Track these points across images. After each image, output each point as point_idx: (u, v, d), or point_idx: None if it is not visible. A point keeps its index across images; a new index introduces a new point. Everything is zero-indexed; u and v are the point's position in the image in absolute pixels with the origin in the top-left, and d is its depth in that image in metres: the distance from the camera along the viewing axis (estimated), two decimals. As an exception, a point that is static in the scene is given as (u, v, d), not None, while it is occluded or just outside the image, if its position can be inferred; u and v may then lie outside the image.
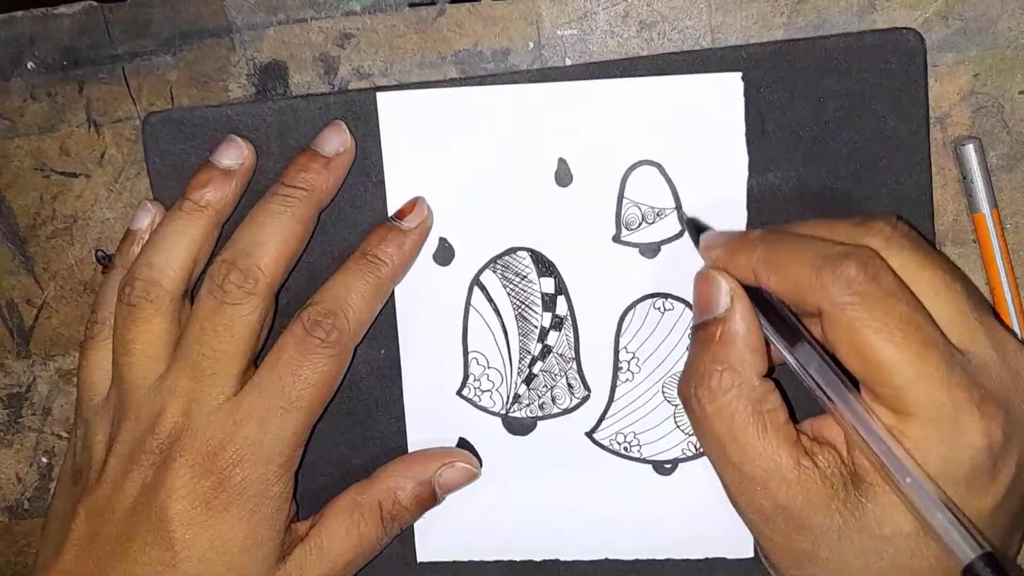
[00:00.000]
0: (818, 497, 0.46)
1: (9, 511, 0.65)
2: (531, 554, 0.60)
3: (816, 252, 0.46)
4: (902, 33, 0.54)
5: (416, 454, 0.58)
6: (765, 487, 0.47)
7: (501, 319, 0.58)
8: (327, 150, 0.56)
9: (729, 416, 0.48)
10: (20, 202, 0.61)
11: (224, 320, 0.53)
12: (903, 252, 0.47)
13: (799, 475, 0.47)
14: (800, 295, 0.47)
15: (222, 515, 0.52)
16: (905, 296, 0.45)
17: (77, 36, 0.59)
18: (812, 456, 0.47)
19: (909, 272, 0.46)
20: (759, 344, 0.49)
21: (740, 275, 0.49)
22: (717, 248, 0.51)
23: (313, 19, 0.58)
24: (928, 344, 0.44)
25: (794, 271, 0.47)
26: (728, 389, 0.48)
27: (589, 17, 0.57)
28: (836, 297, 0.45)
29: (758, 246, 0.49)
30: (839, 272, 0.45)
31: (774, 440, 0.47)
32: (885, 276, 0.45)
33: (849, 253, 0.46)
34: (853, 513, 0.46)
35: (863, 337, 0.44)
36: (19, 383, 0.63)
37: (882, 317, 0.44)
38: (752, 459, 0.47)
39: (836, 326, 0.45)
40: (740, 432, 0.47)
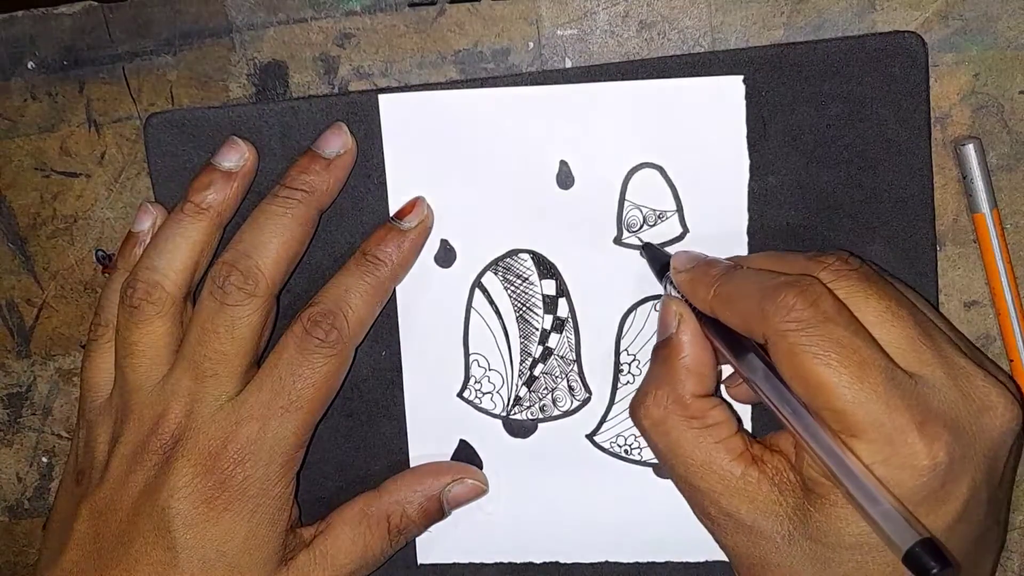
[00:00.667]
0: (765, 503, 0.48)
1: (9, 511, 0.65)
2: (531, 556, 0.60)
3: (761, 283, 0.48)
4: (904, 36, 0.54)
5: (426, 467, 0.59)
6: (709, 495, 0.49)
7: (502, 321, 0.58)
8: (328, 152, 0.56)
9: (665, 431, 0.50)
10: (20, 202, 0.61)
11: (225, 321, 0.53)
12: (850, 283, 0.48)
13: (743, 483, 0.48)
14: (748, 326, 0.48)
15: (223, 515, 0.52)
16: (844, 320, 0.45)
17: (77, 36, 0.59)
18: (760, 464, 0.48)
19: (856, 302, 0.47)
20: (701, 364, 0.51)
21: (698, 305, 0.51)
22: (681, 274, 0.53)
23: (313, 19, 0.58)
24: (866, 366, 0.44)
25: (741, 303, 0.48)
26: (662, 405, 0.50)
27: (589, 17, 0.57)
28: (777, 324, 0.46)
29: (714, 282, 0.50)
30: (779, 300, 0.46)
31: (714, 452, 0.49)
32: (824, 302, 0.46)
33: (790, 282, 0.47)
34: (802, 520, 0.47)
35: (802, 361, 0.45)
36: (19, 383, 0.63)
37: (820, 341, 0.45)
38: (693, 470, 0.49)
39: (778, 352, 0.46)
40: (677, 445, 0.50)
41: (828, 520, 0.46)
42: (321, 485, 0.60)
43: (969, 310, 0.58)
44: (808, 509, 0.46)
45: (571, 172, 0.56)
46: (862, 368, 0.44)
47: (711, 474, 0.49)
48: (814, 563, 0.47)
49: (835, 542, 0.46)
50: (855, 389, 0.44)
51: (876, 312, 0.47)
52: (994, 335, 0.57)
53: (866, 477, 0.43)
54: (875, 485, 0.43)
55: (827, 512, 0.46)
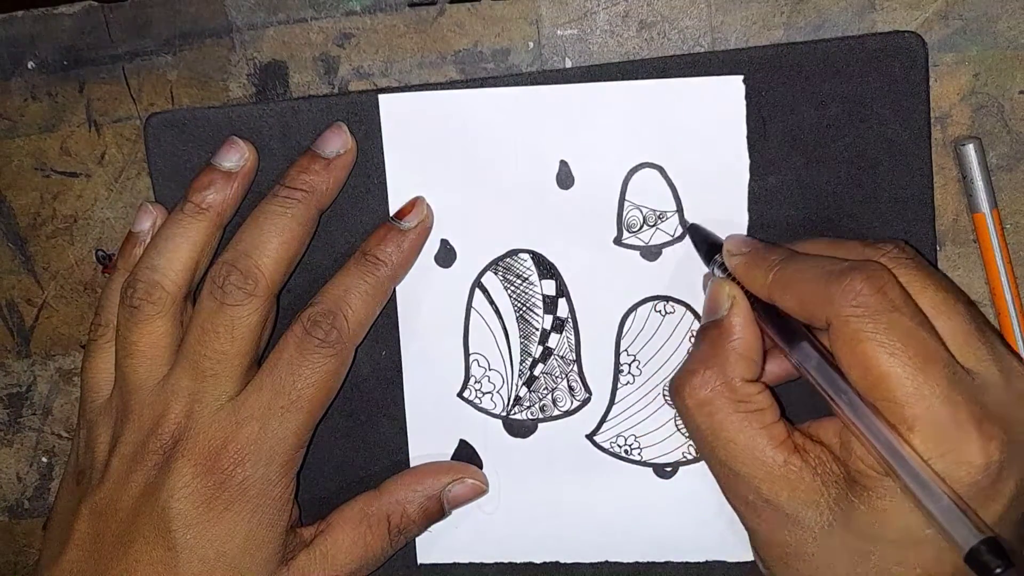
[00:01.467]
0: (806, 492, 0.47)
1: (9, 511, 0.65)
2: (531, 556, 0.60)
3: (824, 267, 0.47)
4: (904, 36, 0.54)
5: (426, 467, 0.59)
6: (749, 482, 0.48)
7: (502, 321, 0.58)
8: (328, 151, 0.56)
9: (709, 412, 0.49)
10: (20, 202, 0.61)
11: (225, 321, 0.53)
12: (908, 271, 0.47)
13: (785, 471, 0.47)
14: (809, 310, 0.47)
15: (223, 515, 0.52)
16: (910, 311, 0.45)
17: (77, 36, 0.59)
18: (802, 453, 0.48)
19: (914, 291, 0.47)
20: (751, 349, 0.50)
21: (755, 291, 0.50)
22: (737, 257, 0.52)
23: (313, 19, 0.58)
24: (930, 359, 0.44)
25: (803, 287, 0.47)
26: (711, 386, 0.49)
27: (589, 17, 0.57)
28: (841, 308, 0.45)
29: (772, 266, 0.49)
30: (846, 284, 0.45)
31: (758, 437, 0.48)
32: (891, 290, 0.45)
33: (856, 267, 0.46)
34: (844, 511, 0.46)
35: (866, 349, 0.44)
36: (19, 383, 0.63)
37: (886, 330, 0.44)
38: (735, 455, 0.49)
39: (840, 337, 0.45)
40: (721, 428, 0.49)
41: (873, 513, 0.45)
42: (321, 485, 0.60)
43: (969, 310, 0.58)
44: (852, 501, 0.46)
45: (571, 172, 0.56)
46: (926, 361, 0.44)
47: (753, 459, 0.48)
48: (851, 555, 0.46)
49: (878, 535, 0.45)
50: (918, 381, 0.44)
51: (934, 303, 0.47)
52: (994, 335, 0.58)
53: (926, 471, 0.43)
54: (935, 480, 0.42)
55: (872, 505, 0.45)
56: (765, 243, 0.52)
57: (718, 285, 0.52)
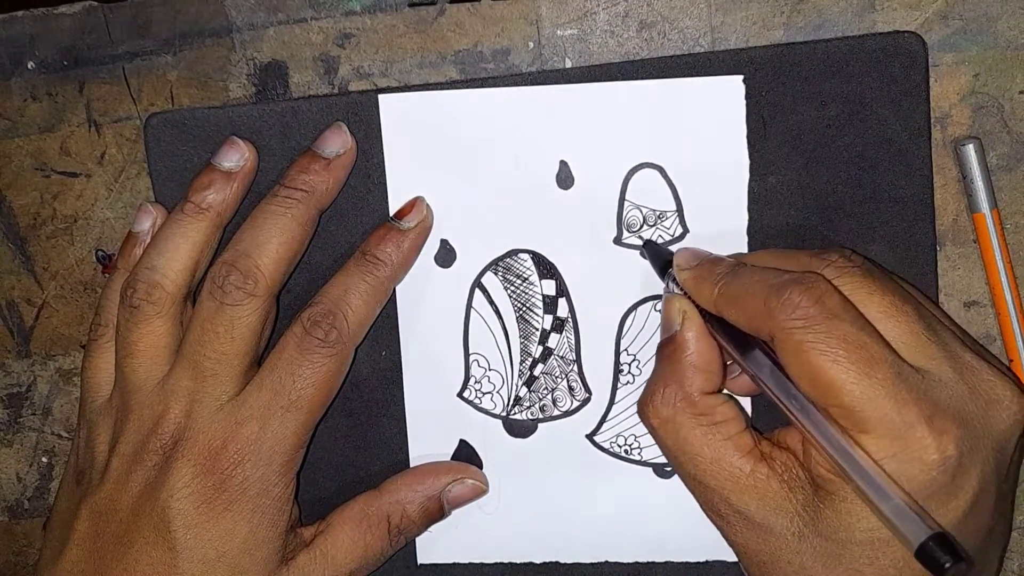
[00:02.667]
0: (775, 500, 0.48)
1: (9, 511, 0.65)
2: (531, 556, 0.60)
3: (766, 281, 0.48)
4: (904, 36, 0.54)
5: (426, 467, 0.59)
6: (719, 493, 0.49)
7: (502, 321, 0.58)
8: (328, 151, 0.56)
9: (674, 429, 0.50)
10: (20, 202, 0.61)
11: (224, 321, 0.53)
12: (854, 279, 0.48)
13: (752, 480, 0.48)
14: (754, 324, 0.48)
15: (223, 515, 0.52)
16: (850, 316, 0.45)
17: (77, 36, 0.59)
18: (769, 461, 0.48)
19: (859, 298, 0.47)
20: (707, 361, 0.51)
21: (703, 304, 0.51)
22: (684, 272, 0.53)
23: (313, 19, 0.58)
24: (874, 362, 0.44)
25: (747, 302, 0.48)
26: (670, 403, 0.50)
27: (589, 17, 0.57)
28: (783, 322, 0.46)
29: (719, 280, 0.50)
30: (784, 298, 0.46)
31: (723, 449, 0.49)
32: (830, 299, 0.46)
33: (795, 279, 0.47)
34: (813, 517, 0.47)
35: (810, 359, 0.45)
36: (19, 383, 0.63)
37: (826, 338, 0.45)
38: (703, 468, 0.49)
39: (785, 350, 0.46)
40: (686, 443, 0.50)
41: (838, 516, 0.46)
42: (321, 485, 0.60)
43: (969, 310, 0.58)
44: (818, 505, 0.46)
45: (571, 172, 0.56)
46: (869, 364, 0.44)
47: (720, 471, 0.49)
48: (825, 559, 0.47)
49: (846, 538, 0.46)
50: (863, 385, 0.44)
51: (880, 307, 0.47)
52: (994, 335, 0.57)
53: (876, 472, 0.43)
54: (885, 480, 0.43)
55: (837, 508, 0.46)
56: (713, 256, 0.53)
57: (669, 301, 0.52)
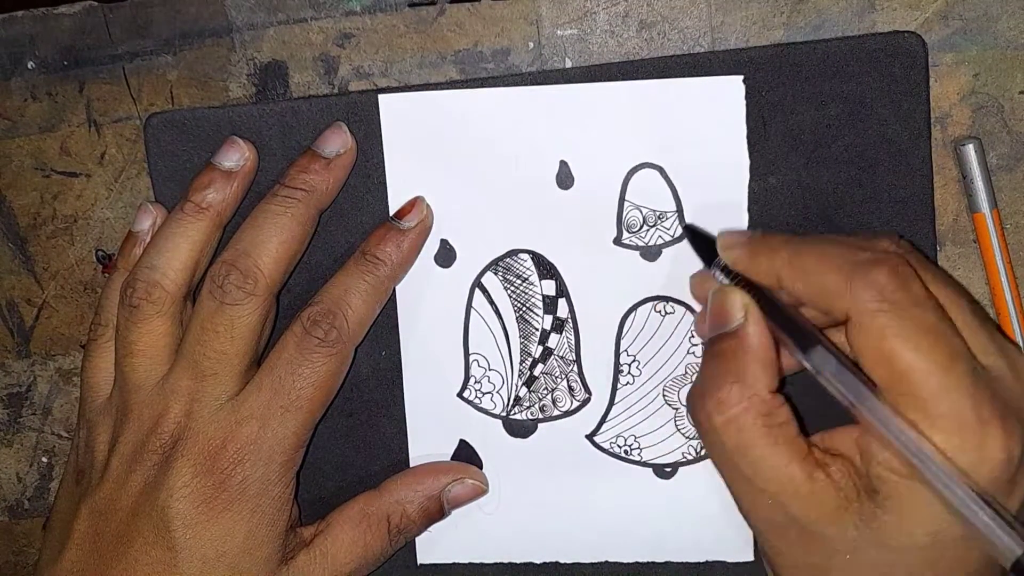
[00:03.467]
0: (831, 509, 0.46)
1: (9, 511, 0.65)
2: (531, 556, 0.60)
3: (845, 257, 0.46)
4: (904, 36, 0.54)
5: (425, 467, 0.59)
6: (777, 500, 0.47)
7: (502, 321, 0.58)
8: (328, 151, 0.56)
9: (738, 430, 0.47)
10: (20, 202, 0.61)
11: (224, 321, 0.53)
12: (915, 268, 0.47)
13: (812, 488, 0.46)
14: (827, 301, 0.46)
15: (223, 515, 0.52)
16: (932, 306, 0.45)
17: (77, 36, 0.59)
18: (824, 468, 0.47)
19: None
20: (771, 358, 0.48)
21: (761, 279, 0.49)
22: (736, 248, 0.51)
23: (313, 19, 0.58)
24: (955, 356, 0.44)
25: (822, 277, 0.46)
26: (738, 402, 0.47)
27: (589, 17, 0.57)
28: (866, 304, 0.44)
29: (782, 250, 0.48)
30: (870, 278, 0.45)
31: (785, 453, 0.47)
32: (914, 284, 0.45)
33: (880, 260, 0.45)
34: (868, 524, 0.45)
35: (892, 345, 0.44)
36: (19, 383, 0.63)
37: (911, 326, 0.44)
38: (763, 473, 0.47)
39: (864, 333, 0.45)
40: (749, 446, 0.47)
41: (899, 521, 0.45)
42: (321, 485, 0.60)
43: (969, 310, 0.58)
44: (875, 512, 0.45)
45: (571, 172, 0.56)
46: (951, 357, 0.43)
47: (780, 477, 0.47)
48: (879, 569, 0.46)
49: (908, 543, 0.45)
50: (942, 378, 0.43)
51: (940, 298, 0.46)
52: (994, 335, 0.57)
53: (957, 476, 0.42)
54: (968, 483, 0.42)
55: (899, 512, 0.45)
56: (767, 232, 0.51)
57: (726, 294, 0.50)
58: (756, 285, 0.50)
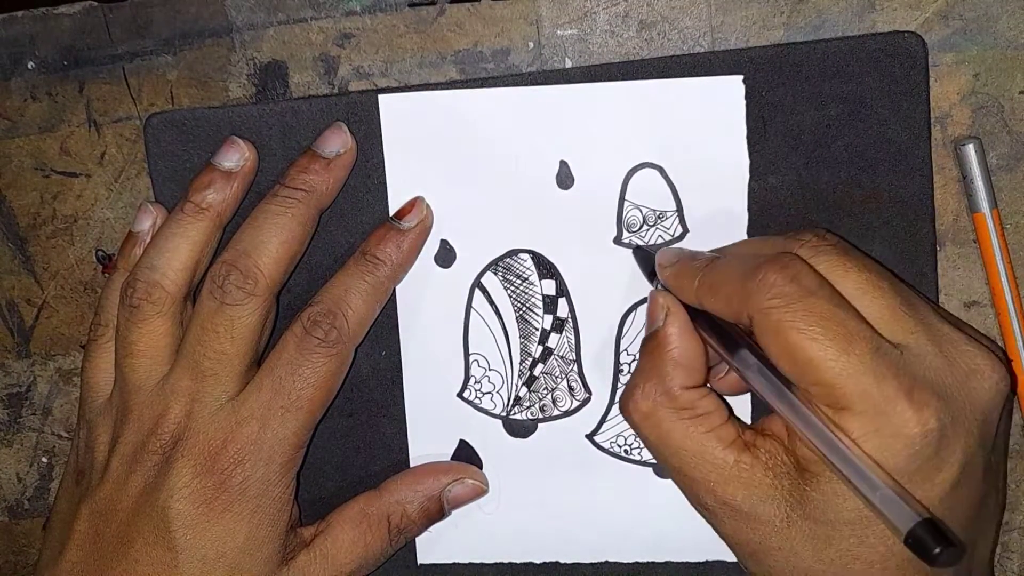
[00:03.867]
0: (760, 488, 0.47)
1: (9, 511, 0.65)
2: (531, 556, 0.60)
3: (742, 266, 0.48)
4: (904, 36, 0.54)
5: (426, 467, 0.59)
6: (704, 486, 0.49)
7: (502, 321, 0.58)
8: (328, 151, 0.56)
9: (655, 424, 0.50)
10: (20, 202, 0.61)
11: (224, 321, 0.53)
12: (828, 257, 0.48)
13: (737, 471, 0.48)
14: (734, 309, 0.48)
15: (223, 515, 0.52)
16: (826, 294, 0.46)
17: (77, 36, 0.59)
18: (752, 450, 0.48)
19: (835, 276, 0.47)
20: (689, 357, 0.51)
21: (684, 298, 0.51)
22: (665, 269, 0.53)
23: (313, 19, 0.58)
24: (851, 338, 0.44)
25: (725, 288, 0.48)
26: (650, 397, 0.50)
27: (589, 17, 0.57)
28: (760, 303, 0.46)
29: (697, 272, 0.50)
30: (760, 278, 0.46)
31: (706, 441, 0.49)
32: (805, 277, 0.46)
33: (769, 259, 0.47)
34: (799, 501, 0.47)
35: (788, 337, 0.45)
36: (19, 383, 0.63)
37: (804, 316, 0.45)
38: (687, 461, 0.49)
39: (763, 331, 0.46)
40: (669, 437, 0.50)
41: (825, 498, 0.46)
42: (321, 485, 0.60)
43: (969, 310, 0.58)
44: (804, 489, 0.46)
45: (571, 172, 0.56)
46: (848, 340, 0.44)
47: (704, 463, 0.49)
48: (814, 542, 0.47)
49: (834, 519, 0.46)
50: (842, 361, 0.44)
51: (856, 284, 0.47)
52: (994, 335, 0.57)
53: (860, 459, 0.43)
54: (870, 467, 0.43)
55: (823, 490, 0.46)
56: (692, 252, 0.53)
57: (653, 297, 0.52)
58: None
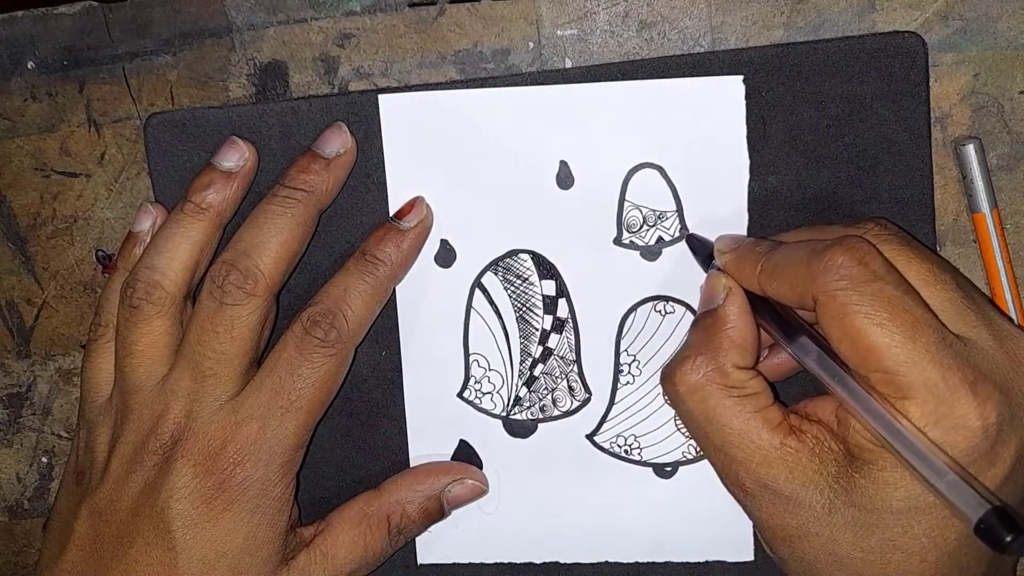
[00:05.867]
0: (805, 473, 0.47)
1: (9, 511, 0.65)
2: (531, 556, 0.60)
3: (807, 249, 0.47)
4: (904, 36, 0.54)
5: (426, 467, 0.59)
6: (746, 467, 0.48)
7: (502, 321, 0.58)
8: (328, 151, 0.56)
9: (702, 398, 0.49)
10: (20, 202, 0.61)
11: (224, 321, 0.53)
12: (892, 246, 0.47)
13: (782, 453, 0.47)
14: (798, 293, 0.47)
15: (223, 515, 0.52)
16: (893, 279, 0.45)
17: (77, 36, 0.59)
18: (798, 434, 0.48)
19: (899, 265, 0.47)
20: (744, 337, 0.50)
21: (745, 284, 0.51)
22: (725, 255, 0.52)
23: (313, 19, 0.58)
24: (918, 326, 0.44)
25: (789, 271, 0.48)
26: (700, 371, 0.49)
27: (589, 17, 0.57)
28: (825, 284, 0.45)
29: (760, 257, 0.49)
30: (827, 260, 0.45)
31: (752, 421, 0.48)
32: (873, 260, 0.45)
33: (836, 242, 0.46)
34: (845, 488, 0.46)
35: (853, 321, 0.44)
36: (19, 383, 0.63)
37: (871, 301, 0.44)
38: (731, 439, 0.49)
39: (828, 313, 0.45)
40: (714, 413, 0.49)
41: (875, 486, 0.45)
42: (321, 485, 0.60)
43: (969, 310, 0.58)
44: (852, 476, 0.46)
45: (571, 172, 0.56)
46: (914, 328, 0.44)
47: (749, 443, 0.48)
48: (856, 530, 0.46)
49: (882, 507, 0.45)
50: (907, 349, 0.43)
51: (920, 274, 0.47)
52: (994, 335, 0.57)
53: (926, 446, 0.42)
54: (937, 454, 0.42)
55: (875, 477, 0.45)
56: (753, 239, 0.53)
57: (714, 277, 0.52)
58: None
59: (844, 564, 0.47)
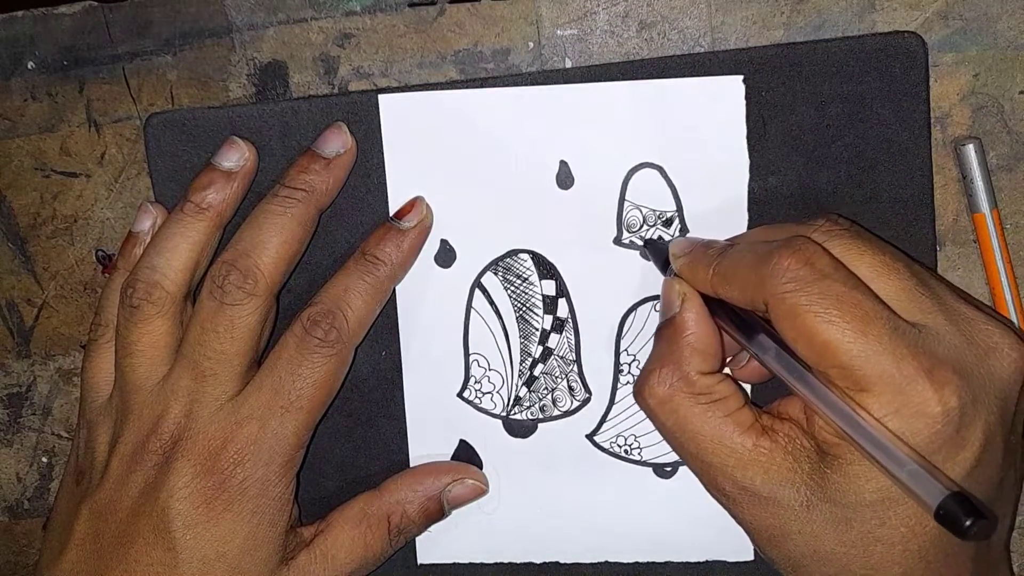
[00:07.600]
0: (780, 472, 0.47)
1: (9, 511, 0.65)
2: (531, 556, 0.60)
3: (755, 252, 0.48)
4: (904, 36, 0.54)
5: (426, 467, 0.59)
6: (723, 472, 0.49)
7: (502, 321, 0.58)
8: (328, 151, 0.56)
9: (672, 409, 0.50)
10: (20, 202, 0.61)
11: (224, 321, 0.53)
12: (842, 241, 0.48)
13: (755, 455, 0.48)
14: (749, 297, 0.48)
15: (223, 515, 0.52)
16: (841, 276, 0.45)
17: (77, 36, 0.59)
18: (771, 434, 0.48)
19: (850, 259, 0.47)
20: (705, 343, 0.50)
21: (699, 288, 0.51)
22: (680, 259, 0.53)
23: (313, 19, 0.58)
24: (868, 319, 0.44)
25: (739, 275, 0.48)
26: (667, 383, 0.50)
27: (589, 17, 0.57)
28: (775, 288, 0.46)
29: (712, 260, 0.50)
30: (774, 263, 0.46)
31: (723, 426, 0.49)
32: (819, 259, 0.46)
33: (783, 244, 0.47)
34: (819, 484, 0.46)
35: (804, 321, 0.45)
36: (19, 383, 0.63)
37: (820, 299, 0.44)
38: (704, 446, 0.49)
39: (780, 316, 0.46)
40: (685, 422, 0.49)
41: (847, 479, 0.45)
42: (321, 485, 0.60)
43: (969, 310, 0.58)
44: (824, 472, 0.46)
45: (571, 172, 0.56)
46: (864, 321, 0.44)
47: (722, 448, 0.48)
48: (835, 525, 0.46)
49: (855, 501, 0.45)
50: (860, 343, 0.44)
51: (871, 266, 0.47)
52: (994, 335, 0.57)
53: (884, 436, 0.43)
54: (895, 443, 0.42)
55: (845, 471, 0.45)
56: (706, 240, 0.53)
57: (669, 284, 0.52)
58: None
59: (829, 560, 0.47)
